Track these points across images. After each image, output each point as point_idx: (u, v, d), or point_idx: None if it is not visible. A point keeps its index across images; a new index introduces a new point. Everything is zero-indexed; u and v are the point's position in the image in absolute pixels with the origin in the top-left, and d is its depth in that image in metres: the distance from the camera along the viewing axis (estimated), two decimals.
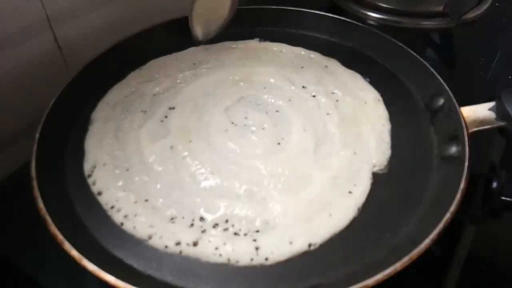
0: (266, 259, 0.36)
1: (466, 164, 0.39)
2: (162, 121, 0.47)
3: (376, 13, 0.70)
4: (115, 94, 0.50)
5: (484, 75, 0.60)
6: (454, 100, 0.44)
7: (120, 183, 0.41)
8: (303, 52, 0.57)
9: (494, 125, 0.43)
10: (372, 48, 0.56)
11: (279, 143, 0.44)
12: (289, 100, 0.49)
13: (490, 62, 0.61)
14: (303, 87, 0.51)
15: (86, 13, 0.54)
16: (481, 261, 0.43)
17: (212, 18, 0.54)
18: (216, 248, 0.36)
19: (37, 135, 0.42)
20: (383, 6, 0.70)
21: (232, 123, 0.46)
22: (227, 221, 0.38)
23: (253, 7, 0.61)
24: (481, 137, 0.43)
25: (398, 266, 0.32)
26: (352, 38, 0.58)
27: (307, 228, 0.37)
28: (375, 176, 0.42)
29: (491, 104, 0.43)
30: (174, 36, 0.57)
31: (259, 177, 0.41)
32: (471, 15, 0.69)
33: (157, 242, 0.37)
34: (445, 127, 0.45)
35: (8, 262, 0.41)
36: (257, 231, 0.37)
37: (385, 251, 0.36)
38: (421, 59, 0.51)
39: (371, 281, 0.31)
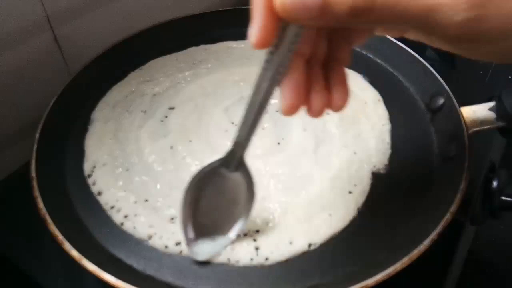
0: (266, 259, 0.36)
1: (466, 164, 0.39)
2: (162, 121, 0.47)
3: None
4: (115, 94, 0.50)
5: (484, 75, 0.60)
6: (454, 100, 0.44)
7: (120, 183, 0.41)
8: None
9: (494, 125, 0.43)
10: (372, 48, 0.56)
11: (279, 143, 0.44)
12: None
13: (490, 62, 0.61)
14: None
15: (86, 13, 0.54)
16: (481, 261, 0.43)
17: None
18: None
19: (37, 135, 0.42)
20: None
21: (232, 123, 0.46)
22: None
23: None
24: (481, 137, 0.43)
25: (398, 266, 0.32)
26: None
27: (307, 228, 0.37)
28: (375, 176, 0.42)
29: (491, 104, 0.43)
30: (174, 36, 0.57)
31: (259, 177, 0.41)
32: None
33: (157, 242, 0.37)
34: (445, 127, 0.45)
35: (8, 262, 0.41)
36: (257, 231, 0.37)
37: (385, 251, 0.36)
38: (421, 59, 0.51)
39: (371, 281, 0.31)
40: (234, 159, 0.32)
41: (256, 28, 0.24)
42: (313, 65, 0.29)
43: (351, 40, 0.30)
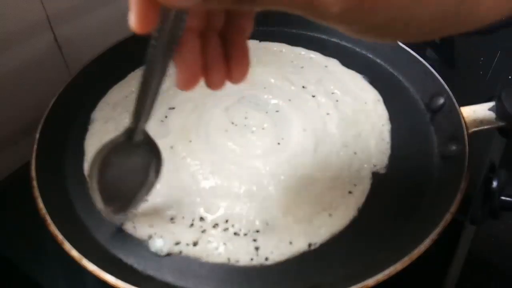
0: (266, 259, 0.36)
1: (466, 164, 0.39)
2: (162, 121, 0.47)
3: None
4: (115, 94, 0.50)
5: (484, 75, 0.60)
6: (454, 100, 0.44)
7: None
8: (303, 52, 0.57)
9: (494, 125, 0.43)
10: (372, 48, 0.56)
11: (279, 143, 0.44)
12: (289, 100, 0.49)
13: (490, 62, 0.61)
14: (303, 87, 0.51)
15: (86, 13, 0.54)
16: (481, 261, 0.43)
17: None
18: (216, 248, 0.36)
19: (37, 135, 0.42)
20: None
21: (232, 123, 0.46)
22: (227, 221, 0.38)
23: None
24: (481, 137, 0.43)
25: (398, 266, 0.32)
26: (352, 38, 0.58)
27: (307, 228, 0.37)
28: (375, 176, 0.42)
29: (491, 104, 0.43)
30: None
31: (259, 177, 0.41)
32: None
33: (157, 242, 0.37)
34: (445, 127, 0.45)
35: (8, 262, 0.41)
36: (257, 231, 0.37)
37: (385, 251, 0.36)
38: (421, 59, 0.51)
39: (371, 281, 0.31)
40: (136, 133, 0.31)
41: (134, 12, 0.22)
42: (210, 36, 0.27)
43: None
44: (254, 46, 0.58)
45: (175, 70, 0.27)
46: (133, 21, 0.23)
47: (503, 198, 0.41)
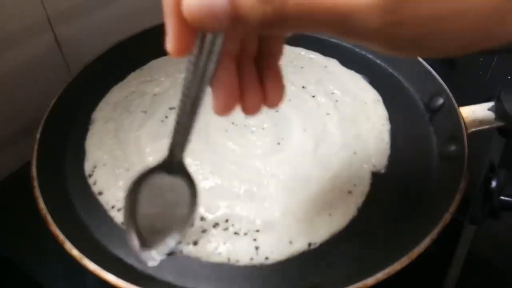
0: (266, 258, 0.36)
1: (466, 164, 0.39)
2: (162, 121, 0.47)
3: None
4: (115, 94, 0.50)
5: (483, 75, 0.60)
6: (454, 100, 0.44)
7: (120, 183, 0.41)
8: (303, 52, 0.57)
9: (494, 125, 0.43)
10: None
11: (279, 143, 0.44)
12: (289, 100, 0.49)
13: (490, 62, 0.61)
14: (303, 87, 0.51)
15: (86, 13, 0.54)
16: (481, 261, 0.43)
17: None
18: (216, 248, 0.36)
19: (38, 135, 0.42)
20: None
21: (232, 123, 0.46)
22: (227, 220, 0.38)
23: None
24: (481, 137, 0.43)
25: (398, 266, 0.32)
26: None
27: (307, 228, 0.38)
28: (375, 176, 0.42)
29: (490, 104, 0.43)
30: None
31: (259, 177, 0.41)
32: None
33: None
34: (445, 127, 0.45)
35: (9, 262, 0.41)
36: (257, 231, 0.37)
37: (385, 251, 0.36)
38: (421, 59, 0.51)
39: (371, 280, 0.31)
40: (173, 163, 0.30)
41: (170, 36, 0.22)
42: (245, 61, 0.27)
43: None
44: None
45: (212, 95, 0.27)
46: (170, 45, 0.23)
47: (502, 198, 0.41)
